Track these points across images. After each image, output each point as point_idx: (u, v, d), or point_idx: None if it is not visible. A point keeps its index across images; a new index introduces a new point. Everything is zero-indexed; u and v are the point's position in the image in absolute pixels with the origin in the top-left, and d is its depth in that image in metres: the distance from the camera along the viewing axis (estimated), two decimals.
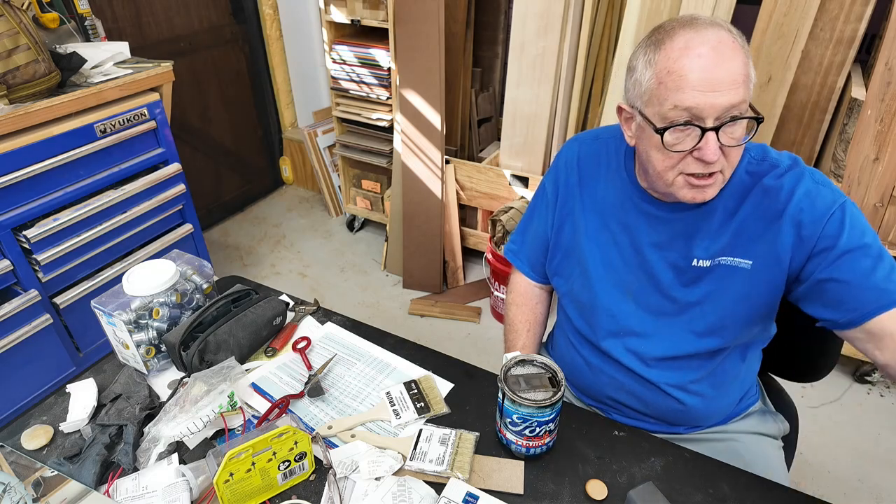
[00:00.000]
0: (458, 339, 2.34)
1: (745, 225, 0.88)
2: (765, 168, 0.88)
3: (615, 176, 0.98)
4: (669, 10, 1.91)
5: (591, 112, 2.34)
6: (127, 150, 1.86)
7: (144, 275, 1.05)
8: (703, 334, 0.94)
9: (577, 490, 0.83)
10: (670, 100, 0.77)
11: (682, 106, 0.76)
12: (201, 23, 2.75)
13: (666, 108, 0.78)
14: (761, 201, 0.87)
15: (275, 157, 3.43)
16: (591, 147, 1.03)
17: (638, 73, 0.82)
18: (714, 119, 0.76)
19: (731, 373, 0.99)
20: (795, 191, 0.84)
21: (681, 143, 0.79)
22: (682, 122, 0.77)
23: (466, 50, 2.62)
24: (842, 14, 1.87)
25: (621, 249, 0.97)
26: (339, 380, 1.04)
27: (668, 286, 0.94)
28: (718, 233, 0.89)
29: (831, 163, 2.00)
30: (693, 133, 0.78)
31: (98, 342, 1.91)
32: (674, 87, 0.76)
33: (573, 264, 1.04)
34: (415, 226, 2.52)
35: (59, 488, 0.83)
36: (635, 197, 0.95)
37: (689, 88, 0.75)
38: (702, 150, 0.78)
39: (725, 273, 0.90)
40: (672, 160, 0.81)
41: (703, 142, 0.77)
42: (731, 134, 0.78)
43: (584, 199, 1.02)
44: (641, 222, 0.95)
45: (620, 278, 0.98)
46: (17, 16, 1.53)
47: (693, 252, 0.91)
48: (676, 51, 0.76)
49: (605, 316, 1.00)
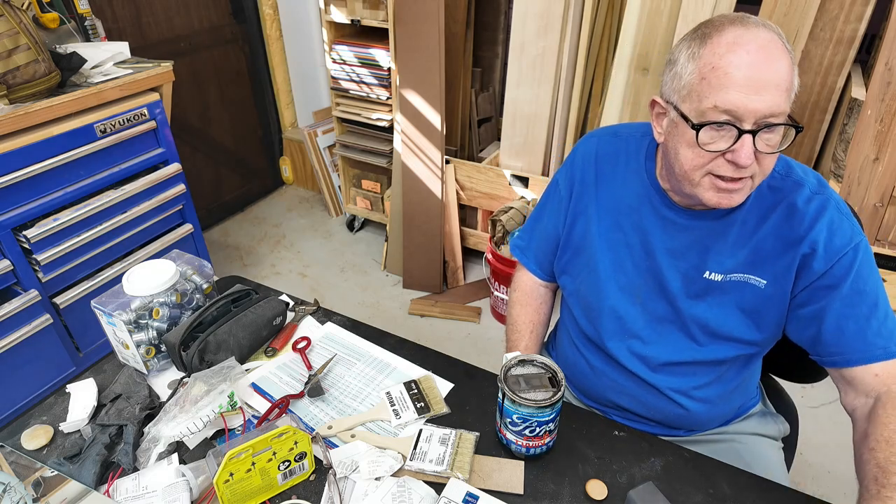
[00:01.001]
0: (458, 339, 2.34)
1: (764, 243, 0.86)
2: (788, 185, 0.86)
3: (634, 176, 0.95)
4: (669, 10, 1.91)
5: (591, 112, 2.34)
6: (127, 150, 1.86)
7: (144, 275, 1.05)
8: (707, 344, 0.93)
9: (577, 490, 0.83)
10: (711, 98, 0.74)
11: (723, 107, 0.73)
12: (201, 23, 2.75)
13: (705, 106, 0.74)
14: (784, 222, 0.85)
15: (275, 157, 3.43)
16: (611, 144, 1.00)
17: (679, 66, 0.78)
18: (753, 122, 0.73)
19: (736, 380, 0.98)
20: (819, 219, 0.83)
21: (715, 143, 0.76)
22: (720, 122, 0.74)
23: (466, 50, 2.62)
24: (842, 14, 1.87)
25: (632, 252, 0.95)
26: (339, 380, 1.04)
27: (676, 295, 0.92)
28: (735, 248, 0.88)
29: (831, 163, 2.00)
30: (729, 134, 0.74)
31: (98, 342, 1.91)
32: (717, 84, 0.73)
33: (582, 263, 1.02)
34: (415, 226, 2.52)
35: (59, 488, 0.83)
36: (655, 200, 0.92)
37: (733, 87, 0.72)
38: (736, 152, 0.74)
39: (735, 288, 0.89)
40: (702, 159, 0.78)
41: (739, 144, 0.74)
42: (767, 140, 0.75)
43: (599, 197, 0.99)
44: (657, 226, 0.92)
45: (629, 281, 0.96)
46: (17, 16, 1.53)
47: (706, 265, 0.89)
48: (724, 46, 0.73)
49: (611, 318, 0.98)
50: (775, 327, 0.90)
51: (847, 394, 0.86)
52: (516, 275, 1.18)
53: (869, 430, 0.78)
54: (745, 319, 0.90)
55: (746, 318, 0.90)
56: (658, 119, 0.86)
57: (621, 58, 2.03)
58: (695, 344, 0.94)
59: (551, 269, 1.11)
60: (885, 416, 0.77)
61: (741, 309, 0.89)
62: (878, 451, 0.74)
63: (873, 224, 1.97)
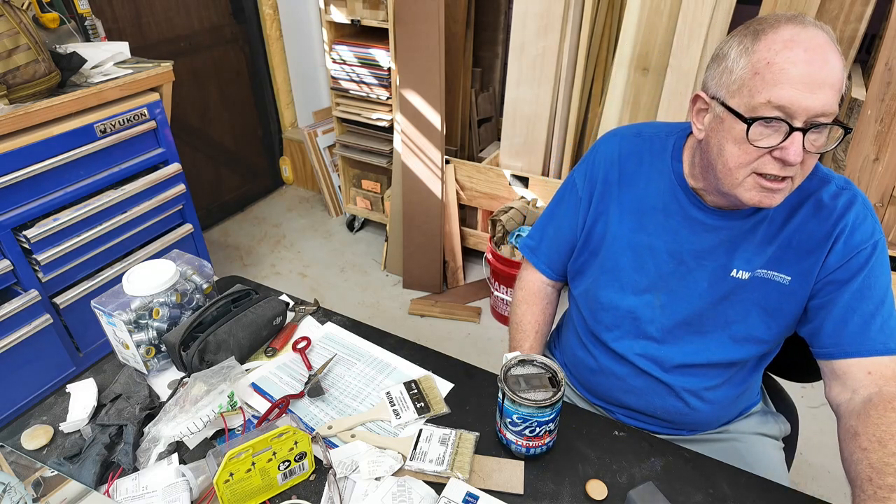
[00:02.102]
0: (458, 339, 2.34)
1: (792, 239, 0.86)
2: (815, 183, 0.86)
3: (659, 177, 0.94)
4: (669, 10, 1.91)
5: (591, 112, 2.34)
6: (127, 150, 1.86)
7: (144, 275, 1.04)
8: (723, 346, 0.93)
9: (577, 490, 0.83)
10: (764, 93, 0.73)
11: (776, 103, 0.72)
12: (201, 23, 2.75)
13: (757, 101, 0.73)
14: (812, 218, 0.85)
15: (275, 157, 3.43)
16: (633, 144, 0.98)
17: (730, 61, 0.77)
18: (804, 121, 0.72)
19: (745, 382, 0.99)
20: (846, 214, 0.84)
21: (765, 139, 0.75)
22: (772, 118, 0.73)
23: (466, 50, 2.62)
24: (842, 14, 1.87)
25: (655, 253, 0.94)
26: (339, 380, 1.04)
27: (700, 295, 0.92)
28: (763, 245, 0.87)
29: (831, 163, 2.00)
30: (780, 130, 0.73)
31: (98, 342, 1.91)
32: (771, 80, 0.72)
33: (600, 264, 1.00)
34: (415, 226, 2.52)
35: (59, 488, 0.83)
36: (683, 201, 0.91)
37: (788, 84, 0.71)
38: (786, 149, 0.73)
39: (759, 286, 0.88)
40: (748, 156, 0.77)
41: (789, 141, 0.73)
42: (814, 141, 0.74)
43: (621, 198, 0.97)
44: (684, 227, 0.91)
45: (650, 283, 0.95)
46: (17, 16, 1.53)
47: (733, 263, 0.89)
48: (780, 42, 0.72)
49: (627, 319, 0.97)
50: (792, 323, 0.91)
51: (833, 387, 0.86)
52: (522, 273, 1.17)
53: (860, 430, 0.77)
54: (764, 318, 0.90)
55: (766, 317, 0.90)
56: (699, 115, 0.84)
57: (621, 58, 2.03)
58: (711, 345, 0.93)
59: (562, 270, 1.09)
60: (878, 416, 0.76)
61: (762, 307, 0.89)
62: (871, 452, 0.74)
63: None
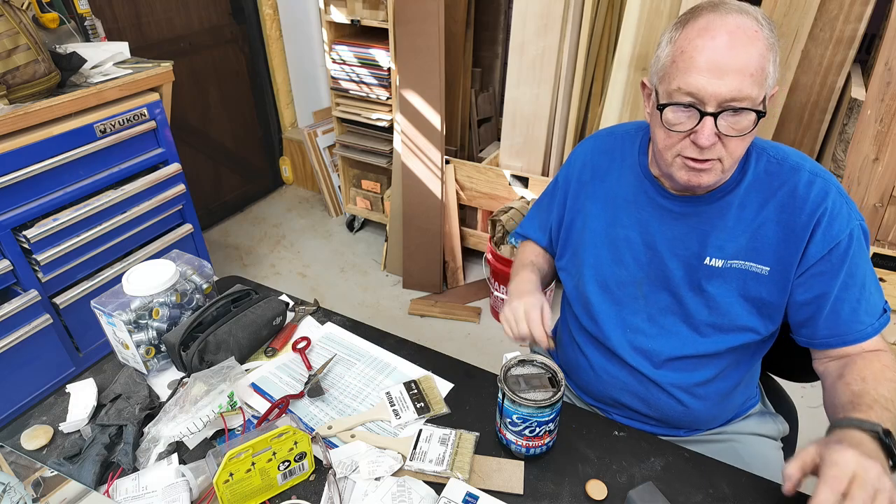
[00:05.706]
0: (458, 339, 2.34)
1: (765, 229, 0.87)
2: (786, 170, 0.87)
3: (629, 171, 0.98)
4: (669, 10, 1.91)
5: (591, 112, 2.34)
6: (127, 150, 1.86)
7: (144, 275, 1.05)
8: (710, 335, 0.94)
9: (577, 490, 0.83)
10: (677, 80, 0.78)
11: (686, 89, 0.77)
12: (201, 23, 2.75)
13: (672, 87, 0.79)
14: (785, 208, 0.86)
15: (275, 157, 3.43)
16: (606, 142, 1.04)
17: (660, 49, 0.83)
18: (715, 105, 0.76)
19: (737, 377, 0.99)
20: (823, 202, 0.84)
21: (681, 124, 0.80)
22: (684, 104, 0.78)
23: (466, 50, 2.62)
24: (842, 14, 1.87)
25: (632, 245, 0.97)
26: (339, 380, 1.04)
27: (678, 284, 0.93)
28: (734, 232, 0.89)
29: (831, 163, 2.00)
30: (692, 115, 0.78)
31: (98, 342, 1.91)
32: (683, 67, 0.77)
33: (582, 260, 1.02)
34: (415, 226, 2.52)
35: (59, 488, 0.83)
36: (650, 191, 0.95)
37: (695, 71, 0.76)
38: (697, 133, 0.78)
39: (737, 276, 0.90)
40: (672, 140, 0.82)
41: (700, 125, 0.78)
42: (733, 124, 0.78)
43: (596, 195, 1.01)
44: (654, 217, 0.94)
45: (630, 275, 0.97)
46: (17, 16, 1.53)
47: (706, 251, 0.90)
48: (695, 31, 0.77)
49: (612, 314, 0.99)
50: (778, 314, 0.91)
51: (822, 361, 0.91)
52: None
53: (845, 372, 0.83)
54: (747, 307, 0.91)
55: (749, 306, 0.91)
56: (647, 100, 0.90)
57: (621, 57, 2.03)
58: (698, 335, 0.94)
59: (553, 244, 1.12)
60: (862, 361, 0.83)
61: (744, 297, 0.90)
62: (853, 385, 0.80)
63: (873, 224, 1.97)
